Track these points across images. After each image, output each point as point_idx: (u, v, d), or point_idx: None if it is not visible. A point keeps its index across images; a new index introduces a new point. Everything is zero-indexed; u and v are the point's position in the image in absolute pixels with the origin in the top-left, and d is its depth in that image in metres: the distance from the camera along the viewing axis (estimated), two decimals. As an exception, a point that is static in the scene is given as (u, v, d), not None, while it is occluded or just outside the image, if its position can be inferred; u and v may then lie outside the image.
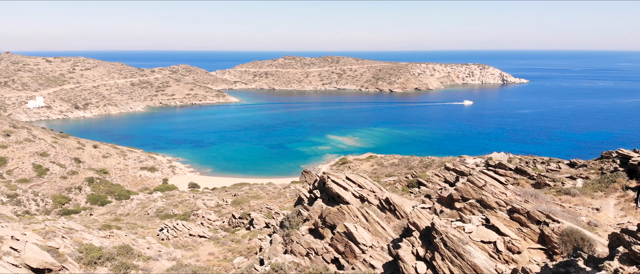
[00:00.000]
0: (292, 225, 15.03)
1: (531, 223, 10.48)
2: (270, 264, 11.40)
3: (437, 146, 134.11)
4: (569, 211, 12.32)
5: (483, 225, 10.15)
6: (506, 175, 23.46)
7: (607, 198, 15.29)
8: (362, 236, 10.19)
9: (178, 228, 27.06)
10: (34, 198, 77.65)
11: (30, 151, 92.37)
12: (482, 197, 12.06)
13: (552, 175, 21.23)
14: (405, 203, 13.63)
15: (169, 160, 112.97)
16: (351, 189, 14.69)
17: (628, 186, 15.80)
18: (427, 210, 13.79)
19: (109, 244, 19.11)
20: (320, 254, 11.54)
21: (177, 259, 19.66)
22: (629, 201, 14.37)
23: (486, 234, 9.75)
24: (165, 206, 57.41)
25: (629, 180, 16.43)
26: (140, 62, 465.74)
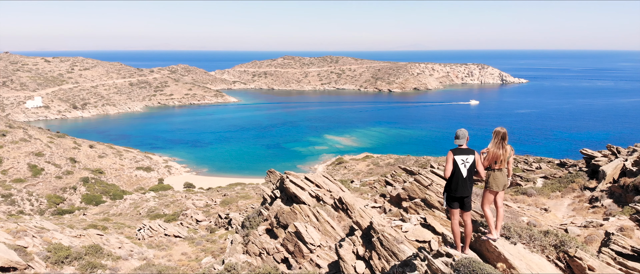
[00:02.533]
0: (253, 225, 15.13)
1: None
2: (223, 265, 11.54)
3: (435, 146, 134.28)
4: (511, 212, 12.39)
5: (420, 224, 10.23)
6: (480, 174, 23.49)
7: (563, 198, 15.37)
8: (311, 236, 10.28)
9: (154, 228, 27.18)
10: (29, 198, 77.84)
11: (26, 151, 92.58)
12: (426, 196, 12.13)
13: (527, 174, 21.31)
14: (357, 202, 13.70)
15: (165, 160, 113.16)
16: (308, 189, 14.77)
17: (587, 187, 15.87)
18: (377, 209, 13.89)
19: (79, 244, 19.22)
20: (271, 254, 11.62)
21: (147, 259, 19.74)
22: (583, 202, 14.45)
23: (421, 233, 9.82)
24: (156, 206, 57.58)
25: (589, 180, 16.49)
26: (140, 62, 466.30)
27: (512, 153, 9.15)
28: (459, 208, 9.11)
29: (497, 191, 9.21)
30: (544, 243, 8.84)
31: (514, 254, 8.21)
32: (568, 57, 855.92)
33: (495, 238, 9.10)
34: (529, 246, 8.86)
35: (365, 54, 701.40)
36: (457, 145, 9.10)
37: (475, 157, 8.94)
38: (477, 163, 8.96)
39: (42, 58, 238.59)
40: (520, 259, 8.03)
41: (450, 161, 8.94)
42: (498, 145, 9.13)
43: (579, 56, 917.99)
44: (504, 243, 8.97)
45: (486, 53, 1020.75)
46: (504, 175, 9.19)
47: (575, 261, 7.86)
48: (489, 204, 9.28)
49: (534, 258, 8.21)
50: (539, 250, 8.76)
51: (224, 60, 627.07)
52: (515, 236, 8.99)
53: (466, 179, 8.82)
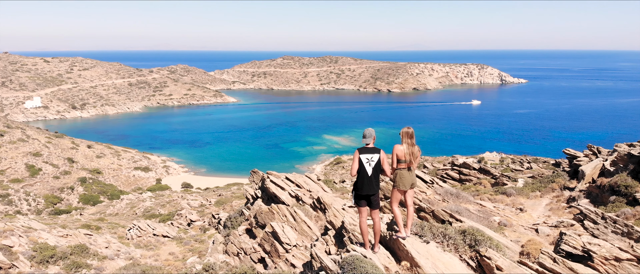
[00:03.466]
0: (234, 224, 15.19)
1: (436, 221, 10.60)
2: (202, 264, 11.62)
3: (433, 146, 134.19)
4: (485, 211, 12.45)
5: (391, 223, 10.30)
6: (470, 174, 23.64)
7: (542, 198, 15.42)
8: (287, 236, 10.35)
9: (142, 228, 27.21)
10: (26, 198, 77.94)
11: (24, 151, 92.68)
12: None
13: (515, 174, 21.38)
14: (336, 202, 13.76)
15: (163, 160, 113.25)
16: (288, 189, 14.84)
17: (567, 187, 15.93)
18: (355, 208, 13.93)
19: (65, 244, 19.31)
20: (249, 254, 11.68)
21: (134, 258, 19.80)
22: (561, 202, 14.51)
23: None
24: (153, 206, 57.66)
25: (570, 180, 16.54)
26: (139, 62, 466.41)
27: (419, 154, 9.30)
28: (366, 206, 9.18)
29: (405, 189, 9.31)
30: (458, 242, 8.95)
31: (422, 252, 8.29)
32: (568, 57, 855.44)
33: (404, 236, 9.20)
34: (443, 245, 8.96)
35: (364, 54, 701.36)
36: (365, 144, 9.20)
37: (380, 156, 9.04)
38: (382, 162, 9.07)
39: (41, 59, 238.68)
40: (426, 258, 8.11)
41: (356, 160, 9.03)
42: (405, 144, 9.26)
43: (578, 56, 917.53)
44: (413, 241, 9.06)
45: (486, 54, 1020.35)
46: (411, 174, 9.30)
47: (485, 261, 7.94)
48: (397, 202, 9.40)
49: (444, 257, 8.29)
50: (452, 249, 8.85)
51: (223, 61, 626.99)
52: (429, 235, 9.11)
53: (371, 177, 8.91)
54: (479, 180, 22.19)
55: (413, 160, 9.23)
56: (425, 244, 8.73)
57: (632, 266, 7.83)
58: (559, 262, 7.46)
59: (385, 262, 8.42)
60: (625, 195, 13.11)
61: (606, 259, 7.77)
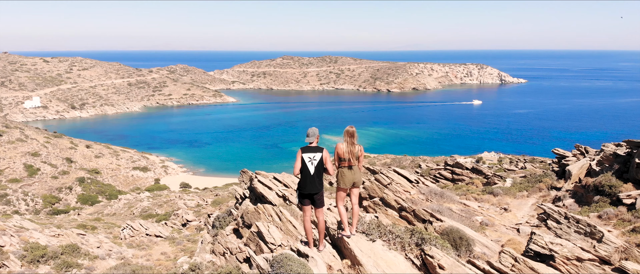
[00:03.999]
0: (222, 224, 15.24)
1: (417, 221, 10.65)
2: (188, 263, 11.68)
3: (432, 146, 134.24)
4: (468, 211, 12.49)
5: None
6: (462, 174, 23.69)
7: (529, 197, 15.46)
8: (272, 236, 10.39)
9: (135, 228, 27.27)
10: (24, 198, 77.96)
11: (22, 151, 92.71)
12: (384, 195, 12.24)
13: (508, 174, 21.43)
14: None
15: (162, 160, 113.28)
16: (276, 188, 14.90)
17: (554, 187, 15.96)
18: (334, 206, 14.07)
19: (56, 243, 19.35)
20: (234, 254, 11.75)
21: (125, 258, 19.85)
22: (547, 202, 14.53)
23: None
24: (150, 206, 57.72)
25: (557, 180, 16.58)
26: (139, 62, 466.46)
27: (362, 152, 9.37)
28: (310, 205, 9.23)
29: (346, 188, 9.36)
30: (406, 241, 9.00)
31: (365, 251, 8.34)
32: (567, 57, 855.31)
33: (348, 234, 9.26)
34: (389, 243, 9.02)
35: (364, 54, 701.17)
36: (308, 143, 9.25)
37: (323, 155, 9.09)
38: (325, 161, 9.11)
39: (40, 59, 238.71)
40: (369, 256, 8.15)
41: (298, 159, 9.10)
42: (346, 143, 9.32)
43: (578, 56, 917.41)
44: (358, 239, 9.09)
45: (485, 54, 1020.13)
46: (353, 173, 9.34)
47: (428, 259, 8.01)
48: (342, 201, 9.48)
49: (388, 256, 8.33)
50: (398, 248, 8.91)
51: (223, 60, 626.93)
52: (376, 234, 9.17)
53: (314, 176, 8.95)
54: (472, 180, 22.26)
55: (353, 158, 9.26)
56: (370, 243, 8.78)
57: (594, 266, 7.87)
58: (520, 261, 7.49)
59: (329, 260, 8.48)
60: (609, 195, 13.15)
61: (568, 259, 7.80)
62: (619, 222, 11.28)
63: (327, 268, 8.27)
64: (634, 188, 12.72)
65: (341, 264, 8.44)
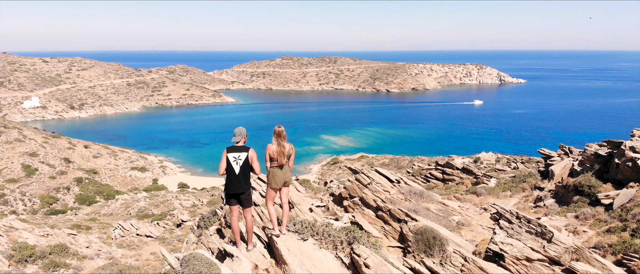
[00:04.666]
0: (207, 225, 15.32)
1: (393, 221, 10.69)
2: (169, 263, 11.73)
3: (430, 147, 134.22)
4: (446, 211, 12.54)
5: (350, 223, 10.40)
6: (453, 174, 23.74)
7: (512, 197, 15.51)
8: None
9: (126, 228, 27.35)
10: (22, 198, 78.04)
11: (20, 151, 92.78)
12: (363, 195, 12.30)
13: (498, 174, 21.48)
14: (305, 202, 13.86)
15: (160, 160, 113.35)
16: (260, 189, 14.95)
17: (537, 187, 16.01)
18: (322, 208, 14.06)
19: (45, 243, 19.42)
20: (214, 254, 11.80)
21: (114, 258, 19.91)
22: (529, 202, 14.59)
23: None
24: (147, 206, 57.79)
25: (542, 180, 16.63)
26: (139, 62, 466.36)
27: (293, 151, 9.47)
28: (237, 204, 9.28)
29: (277, 187, 9.43)
30: (338, 240, 9.06)
31: (292, 250, 8.40)
32: (567, 57, 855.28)
33: (278, 234, 9.32)
34: (322, 242, 9.09)
35: (363, 54, 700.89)
36: (234, 143, 9.34)
37: (248, 154, 9.19)
38: (251, 160, 9.20)
39: (40, 59, 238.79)
40: (295, 255, 8.21)
41: (224, 159, 9.16)
42: (275, 142, 9.45)
43: (578, 56, 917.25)
44: (287, 239, 9.15)
45: (485, 54, 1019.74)
46: (284, 172, 9.44)
47: (355, 258, 8.08)
48: (271, 200, 9.55)
49: (317, 255, 8.38)
50: (330, 247, 8.98)
51: (222, 61, 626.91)
52: (307, 233, 9.24)
53: (239, 176, 8.99)
54: (462, 180, 22.33)
55: (284, 158, 9.30)
56: (301, 242, 8.84)
57: (544, 266, 7.91)
58: (469, 261, 7.54)
59: (257, 260, 8.54)
60: (588, 195, 13.19)
61: (518, 259, 7.84)
62: (595, 222, 11.33)
63: (254, 268, 8.33)
64: (613, 189, 12.76)
65: (268, 263, 8.51)
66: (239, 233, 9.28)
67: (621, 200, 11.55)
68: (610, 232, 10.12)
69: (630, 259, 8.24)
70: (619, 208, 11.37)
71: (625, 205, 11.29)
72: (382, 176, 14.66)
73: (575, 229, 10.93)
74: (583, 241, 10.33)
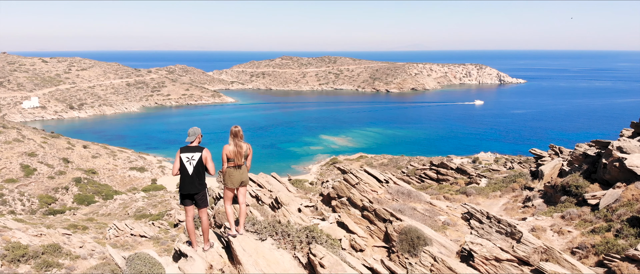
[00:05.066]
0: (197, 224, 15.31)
1: (378, 220, 10.71)
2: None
3: (429, 147, 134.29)
4: (432, 211, 12.56)
5: (336, 223, 10.43)
6: (447, 174, 23.80)
7: (502, 197, 15.54)
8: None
9: (120, 228, 27.43)
10: (20, 198, 78.06)
11: (19, 151, 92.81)
12: (351, 195, 12.33)
13: (492, 174, 21.52)
14: (294, 202, 13.90)
15: (159, 160, 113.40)
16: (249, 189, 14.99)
17: (527, 187, 16.05)
18: (311, 208, 14.10)
19: (38, 243, 19.46)
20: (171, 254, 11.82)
21: (107, 258, 19.98)
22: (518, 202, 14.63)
23: (334, 231, 10.02)
24: (144, 206, 57.86)
25: (532, 180, 16.66)
26: (138, 62, 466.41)
27: (250, 150, 9.47)
28: (192, 205, 9.26)
29: (234, 187, 9.43)
30: (297, 240, 9.09)
31: (248, 250, 8.44)
32: (567, 57, 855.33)
33: (234, 234, 9.32)
34: (281, 242, 9.12)
35: (363, 54, 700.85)
36: (188, 143, 9.37)
37: (202, 155, 9.15)
38: (205, 161, 9.17)
39: (39, 59, 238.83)
40: (250, 255, 8.25)
41: (177, 159, 9.16)
42: (232, 143, 9.43)
43: (577, 56, 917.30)
44: (244, 239, 9.17)
45: (484, 54, 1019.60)
46: (241, 172, 9.43)
47: (311, 257, 8.11)
48: (229, 201, 9.53)
49: (273, 255, 8.42)
50: (289, 247, 9.01)
51: (222, 61, 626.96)
52: (266, 233, 9.27)
53: (193, 176, 8.98)
54: (456, 180, 22.39)
55: (240, 158, 9.34)
56: (258, 242, 8.88)
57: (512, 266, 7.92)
58: (438, 261, 7.57)
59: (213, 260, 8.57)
60: (575, 196, 13.21)
61: (487, 259, 7.86)
62: (580, 222, 11.34)
63: (208, 268, 8.35)
64: (600, 189, 12.79)
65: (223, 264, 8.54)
66: (193, 233, 9.28)
67: (607, 200, 11.57)
68: (595, 232, 10.14)
69: (611, 260, 8.26)
70: (605, 208, 11.39)
71: (611, 205, 11.31)
72: (371, 176, 14.69)
73: (561, 229, 10.96)
74: (567, 241, 10.36)
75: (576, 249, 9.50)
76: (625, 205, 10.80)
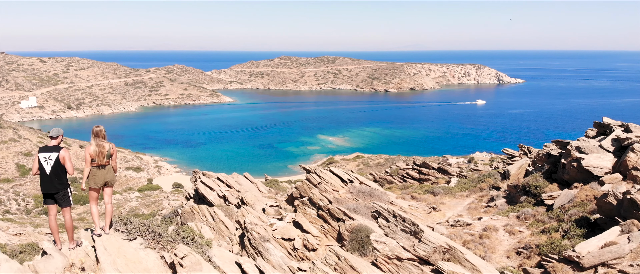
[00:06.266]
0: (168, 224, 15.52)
1: (332, 220, 10.83)
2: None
3: (426, 146, 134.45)
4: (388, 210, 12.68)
5: (292, 222, 10.55)
6: (429, 174, 23.95)
7: (468, 197, 15.66)
8: (203, 236, 10.64)
9: None
10: (15, 198, 78.11)
11: (15, 151, 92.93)
12: (311, 195, 12.46)
13: (472, 174, 21.65)
14: (259, 202, 14.02)
15: (155, 160, 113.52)
16: (217, 189, 15.12)
17: (495, 186, 16.17)
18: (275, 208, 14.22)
19: (17, 242, 19.62)
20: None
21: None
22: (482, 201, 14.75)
23: (288, 231, 10.14)
24: (138, 206, 57.99)
25: (502, 180, 16.80)
26: (137, 62, 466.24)
27: (114, 150, 9.56)
28: (55, 204, 9.37)
29: (97, 187, 9.54)
30: (167, 240, 9.17)
31: (110, 250, 8.52)
32: (566, 57, 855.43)
33: (99, 233, 9.41)
34: (151, 242, 9.21)
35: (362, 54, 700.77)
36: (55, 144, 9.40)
37: (60, 155, 9.18)
38: (63, 161, 9.23)
39: (37, 59, 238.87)
40: (110, 254, 8.36)
41: (36, 159, 9.23)
42: (94, 143, 9.59)
43: (576, 56, 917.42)
44: (108, 239, 9.26)
45: (483, 54, 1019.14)
46: (105, 172, 9.54)
47: (173, 257, 8.22)
48: (94, 200, 9.63)
49: (137, 255, 8.52)
50: (159, 247, 9.09)
51: (221, 60, 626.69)
52: (134, 233, 9.36)
53: (51, 176, 9.05)
54: (437, 179, 22.57)
55: (103, 158, 9.43)
56: (125, 242, 8.98)
57: (413, 266, 8.01)
58: (342, 260, 7.69)
59: (77, 259, 8.66)
60: (534, 196, 13.33)
61: (389, 258, 7.97)
62: (533, 223, 11.45)
63: (69, 266, 8.44)
64: (558, 189, 12.90)
65: (84, 263, 8.65)
66: (57, 231, 9.36)
67: (561, 200, 11.68)
68: (544, 233, 10.23)
69: (548, 260, 8.36)
70: (559, 208, 11.50)
71: (565, 205, 11.42)
72: (335, 176, 14.82)
73: (512, 229, 11.06)
74: (516, 241, 10.46)
75: (521, 250, 9.61)
76: (578, 205, 10.92)
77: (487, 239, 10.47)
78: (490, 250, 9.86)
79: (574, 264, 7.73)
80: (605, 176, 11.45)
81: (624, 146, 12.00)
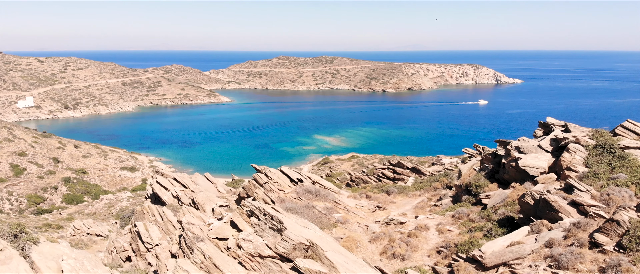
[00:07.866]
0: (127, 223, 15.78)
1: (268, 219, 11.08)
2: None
3: (422, 146, 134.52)
4: (332, 209, 12.89)
5: (230, 222, 10.74)
6: (403, 173, 24.17)
7: (421, 196, 15.87)
8: (150, 235, 10.82)
9: (77, 227, 27.82)
10: (9, 198, 78.35)
11: (9, 151, 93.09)
12: (255, 194, 12.68)
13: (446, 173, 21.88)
14: (210, 202, 14.25)
15: (150, 160, 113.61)
16: (172, 189, 15.35)
17: (449, 185, 16.38)
18: (224, 207, 14.42)
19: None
20: (119, 253, 12.18)
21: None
22: (432, 200, 14.97)
23: (223, 231, 10.32)
24: (128, 206, 58.14)
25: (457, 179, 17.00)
26: (135, 62, 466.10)
27: None
28: None
29: None
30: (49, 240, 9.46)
31: None
32: (564, 58, 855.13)
33: None
34: None
35: (360, 54, 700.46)
36: None
37: None
38: None
39: (35, 58, 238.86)
40: None
41: None
42: None
43: (575, 56, 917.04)
44: None
45: (481, 54, 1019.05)
46: None
47: None
48: None
49: None
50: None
51: (219, 60, 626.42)
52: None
53: None
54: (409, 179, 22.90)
55: None
56: None
57: (274, 263, 8.21)
58: (207, 258, 7.89)
59: None
60: (475, 195, 13.54)
61: (252, 256, 8.16)
62: (466, 222, 11.63)
63: None
64: (497, 188, 13.11)
65: None
66: None
67: (495, 200, 11.88)
68: (472, 231, 10.44)
69: (456, 260, 8.55)
70: (491, 208, 11.71)
71: (497, 205, 11.63)
72: (284, 175, 15.03)
73: (443, 228, 11.27)
74: (442, 240, 10.66)
75: (442, 249, 9.81)
76: (509, 205, 11.11)
77: (414, 237, 10.67)
78: (413, 249, 10.06)
79: (478, 264, 7.93)
80: (540, 176, 11.64)
81: (561, 146, 12.19)
